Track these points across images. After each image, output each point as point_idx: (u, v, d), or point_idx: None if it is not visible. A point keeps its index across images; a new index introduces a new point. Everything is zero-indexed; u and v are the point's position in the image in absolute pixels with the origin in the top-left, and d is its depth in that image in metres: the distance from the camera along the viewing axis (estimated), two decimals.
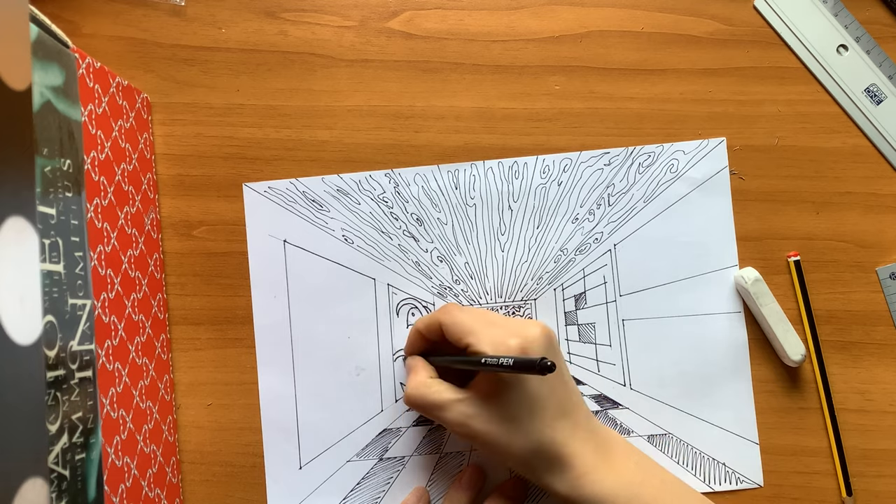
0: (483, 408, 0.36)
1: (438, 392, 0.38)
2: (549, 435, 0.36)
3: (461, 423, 0.36)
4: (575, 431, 0.37)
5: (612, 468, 0.36)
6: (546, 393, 0.36)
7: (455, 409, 0.37)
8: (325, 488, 0.44)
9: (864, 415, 0.44)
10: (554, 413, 0.36)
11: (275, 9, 0.45)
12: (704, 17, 0.45)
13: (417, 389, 0.39)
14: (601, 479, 0.36)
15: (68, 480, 0.30)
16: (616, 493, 0.36)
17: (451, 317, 0.38)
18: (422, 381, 0.39)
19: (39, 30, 0.31)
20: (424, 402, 0.38)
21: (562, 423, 0.36)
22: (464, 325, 0.38)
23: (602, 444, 0.37)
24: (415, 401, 0.39)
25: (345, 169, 0.45)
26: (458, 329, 0.38)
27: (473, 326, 0.37)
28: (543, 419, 0.36)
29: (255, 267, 0.45)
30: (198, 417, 0.44)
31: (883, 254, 0.44)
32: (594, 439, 0.37)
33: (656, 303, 0.44)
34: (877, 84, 0.44)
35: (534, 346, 0.36)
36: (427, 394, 0.38)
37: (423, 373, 0.40)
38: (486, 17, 0.45)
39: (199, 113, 0.45)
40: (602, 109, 0.45)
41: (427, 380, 0.39)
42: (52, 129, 0.31)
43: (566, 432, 0.36)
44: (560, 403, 0.36)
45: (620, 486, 0.36)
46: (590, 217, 0.45)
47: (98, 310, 0.34)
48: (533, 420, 0.36)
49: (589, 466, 0.36)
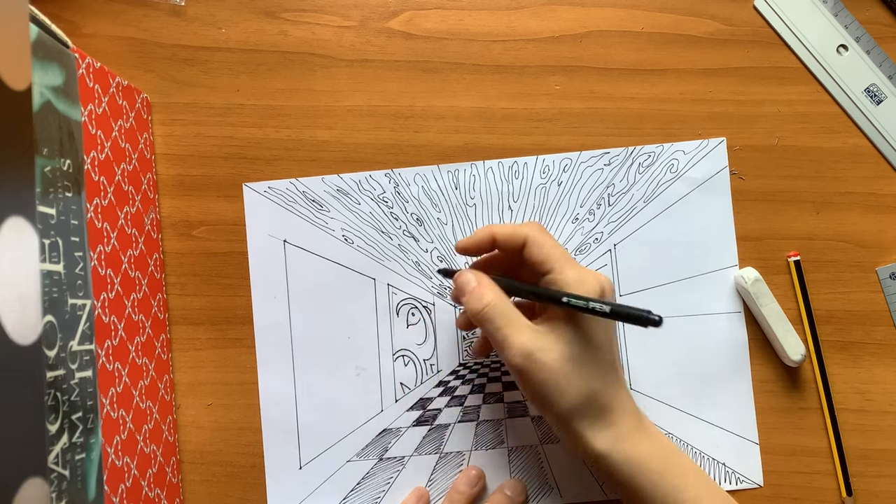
0: (554, 343, 0.35)
1: (515, 313, 0.36)
2: (604, 385, 0.35)
3: (528, 351, 0.35)
4: (622, 390, 0.37)
5: (649, 434, 0.37)
6: (608, 343, 0.36)
7: (526, 335, 0.35)
8: (325, 488, 0.44)
9: (864, 415, 0.44)
10: (609, 366, 0.36)
11: (275, 9, 0.45)
12: (704, 17, 0.45)
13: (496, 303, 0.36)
14: (640, 442, 0.36)
15: (68, 480, 0.30)
16: (651, 458, 0.36)
17: (541, 235, 0.37)
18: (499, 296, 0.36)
19: (39, 30, 0.31)
20: (501, 316, 0.36)
21: (613, 377, 0.36)
22: (552, 252, 0.36)
23: (639, 412, 0.37)
24: (493, 310, 0.36)
25: (345, 169, 0.45)
26: (544, 253, 0.36)
27: (560, 257, 0.36)
28: (603, 368, 0.36)
29: (255, 267, 0.45)
30: (198, 417, 0.44)
31: (883, 254, 0.44)
32: (634, 405, 0.37)
33: (656, 303, 0.44)
34: (877, 84, 0.44)
35: (608, 294, 0.36)
36: (504, 310, 0.36)
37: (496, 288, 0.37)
38: (486, 17, 0.45)
39: (199, 113, 0.45)
40: (602, 109, 0.45)
41: (504, 297, 0.37)
42: (52, 129, 0.31)
43: (616, 387, 0.36)
44: (613, 359, 0.36)
45: (657, 454, 0.36)
46: (590, 217, 0.45)
47: (98, 310, 0.34)
48: (594, 367, 0.35)
49: (631, 426, 0.36)
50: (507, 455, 0.44)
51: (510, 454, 0.44)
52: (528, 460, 0.44)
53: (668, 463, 0.36)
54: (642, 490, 0.35)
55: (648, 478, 0.35)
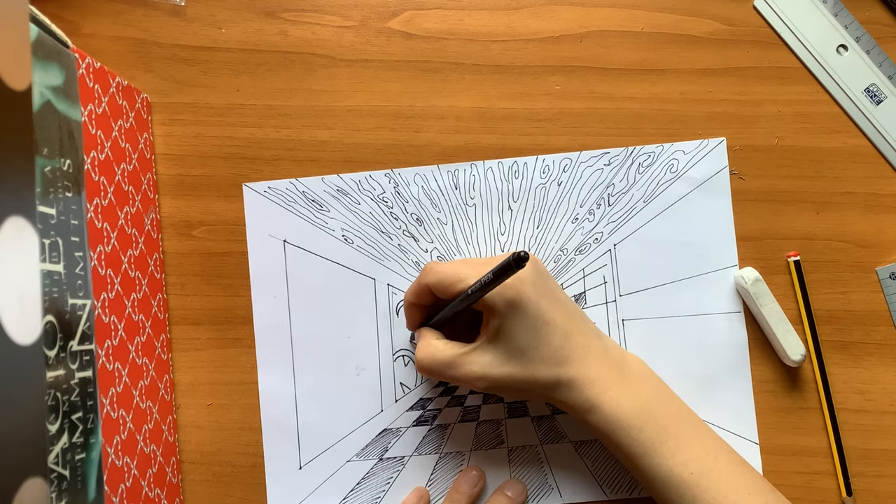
0: (493, 351, 0.36)
1: (445, 350, 0.37)
2: (564, 357, 0.36)
3: (478, 374, 0.36)
4: (589, 351, 0.37)
5: (628, 389, 0.37)
6: (549, 317, 0.36)
7: (467, 362, 0.36)
8: (325, 488, 0.44)
9: (864, 415, 0.44)
10: (562, 335, 0.36)
11: (275, 9, 0.45)
12: (704, 17, 0.45)
13: (426, 352, 0.38)
14: (618, 399, 0.36)
15: (68, 480, 0.30)
16: (631, 414, 0.36)
17: (434, 274, 0.38)
18: (427, 343, 0.38)
19: (39, 30, 0.31)
20: (434, 362, 0.37)
21: (572, 344, 0.36)
22: (450, 276, 0.37)
23: (618, 362, 0.38)
24: (426, 365, 0.38)
25: (345, 169, 0.45)
26: (445, 282, 0.37)
27: (460, 273, 0.37)
28: (552, 344, 0.36)
29: (255, 267, 0.45)
30: (198, 417, 0.44)
31: (883, 254, 0.44)
32: (609, 356, 0.37)
33: (656, 303, 0.44)
34: (877, 84, 0.44)
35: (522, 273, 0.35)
36: (435, 354, 0.37)
37: (428, 336, 0.39)
38: (486, 17, 0.45)
39: (199, 113, 0.45)
40: (602, 109, 0.45)
41: (433, 341, 0.38)
42: (52, 129, 0.31)
43: (579, 351, 0.36)
44: (564, 326, 0.36)
45: (635, 408, 0.36)
46: (590, 217, 0.45)
47: (98, 310, 0.34)
48: (546, 345, 0.35)
49: (606, 384, 0.36)
50: (507, 455, 0.44)
51: (510, 454, 0.44)
52: (528, 460, 0.44)
53: (649, 414, 0.36)
54: (622, 447, 0.36)
55: (627, 433, 0.36)
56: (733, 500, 0.35)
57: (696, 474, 0.35)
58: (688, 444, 0.36)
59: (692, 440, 0.36)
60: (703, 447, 0.36)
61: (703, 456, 0.36)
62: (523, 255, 0.30)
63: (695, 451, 0.36)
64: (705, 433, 0.37)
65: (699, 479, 0.35)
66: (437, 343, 0.38)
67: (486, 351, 0.36)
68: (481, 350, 0.36)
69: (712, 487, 0.35)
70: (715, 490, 0.35)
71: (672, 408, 0.37)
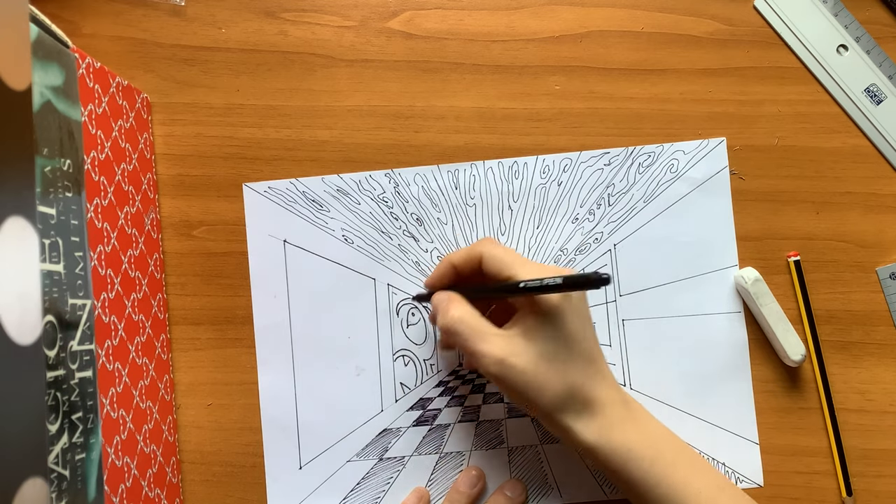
0: (524, 345, 0.35)
1: (481, 323, 0.37)
2: (583, 378, 0.36)
3: (500, 358, 0.35)
4: (604, 380, 0.37)
5: (637, 423, 0.37)
6: (581, 336, 0.36)
7: (496, 343, 0.36)
8: (325, 488, 0.44)
9: (864, 415, 0.44)
10: (588, 358, 0.36)
11: (275, 9, 0.45)
12: (704, 17, 0.45)
13: (460, 310, 0.37)
14: (627, 431, 0.36)
15: (68, 480, 0.30)
16: (641, 447, 0.36)
17: (494, 248, 0.38)
18: (467, 310, 0.37)
19: (39, 30, 0.31)
20: (464, 325, 0.37)
21: (593, 369, 0.36)
22: (505, 258, 0.37)
23: (626, 399, 0.38)
24: (458, 326, 0.37)
25: (345, 169, 0.45)
26: (499, 262, 0.37)
27: (515, 261, 0.37)
28: (579, 362, 0.36)
29: (255, 267, 0.45)
30: (198, 417, 0.44)
31: (883, 254, 0.44)
32: (620, 393, 0.37)
33: (656, 303, 0.44)
34: (877, 84, 0.44)
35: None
36: (466, 317, 0.37)
37: (465, 304, 0.38)
38: (486, 17, 0.45)
39: (199, 113, 0.45)
40: (602, 109, 0.45)
41: (471, 310, 0.38)
42: (52, 129, 0.31)
43: (597, 379, 0.36)
44: (591, 350, 0.37)
45: (645, 442, 0.36)
46: (590, 217, 0.45)
47: (98, 310, 0.34)
48: (570, 361, 0.36)
49: (617, 416, 0.36)
50: (507, 455, 0.44)
51: (510, 454, 0.44)
52: (528, 460, 0.44)
53: (658, 449, 0.36)
54: (633, 479, 0.36)
55: (638, 465, 0.36)
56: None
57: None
58: (695, 477, 0.36)
59: (699, 473, 0.36)
60: (708, 480, 0.36)
61: (712, 487, 0.36)
62: (605, 277, 0.30)
63: (703, 482, 0.36)
64: (708, 468, 0.38)
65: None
66: (470, 309, 0.38)
67: (514, 339, 0.36)
68: (510, 337, 0.36)
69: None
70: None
71: (676, 443, 0.37)
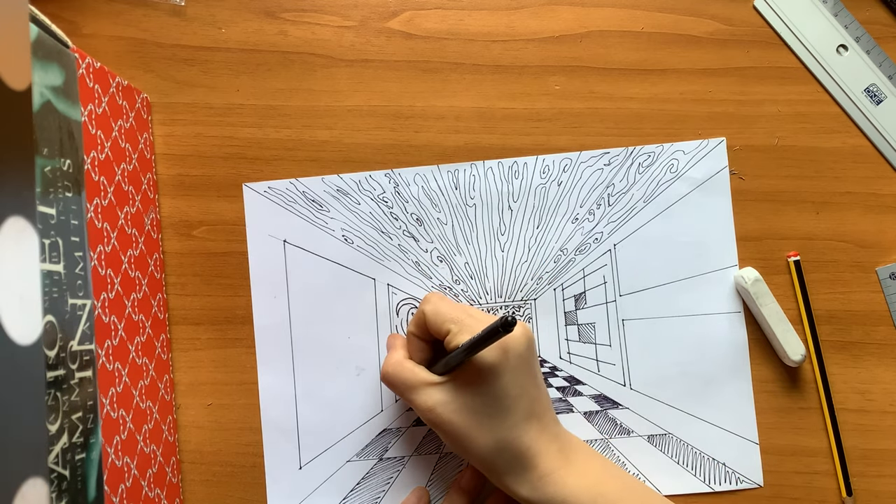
0: (454, 397, 0.36)
1: (413, 372, 0.38)
2: (514, 434, 0.36)
3: (429, 407, 0.36)
4: (541, 434, 0.37)
5: (574, 469, 0.37)
6: (517, 392, 0.36)
7: (425, 393, 0.37)
8: (325, 488, 0.44)
9: (864, 415, 0.44)
10: (523, 414, 0.36)
11: (275, 9, 0.45)
12: (704, 17, 0.45)
13: (393, 367, 0.39)
14: (563, 479, 0.36)
15: (68, 480, 0.30)
16: (578, 493, 0.35)
17: (433, 305, 0.38)
18: (398, 359, 0.39)
19: (39, 30, 0.31)
20: (397, 379, 0.38)
21: (529, 425, 0.36)
22: (446, 314, 0.38)
23: (566, 447, 0.37)
24: (389, 378, 0.39)
25: (345, 169, 0.45)
26: (439, 317, 0.38)
27: (455, 316, 0.37)
28: (511, 418, 0.36)
29: (255, 267, 0.45)
30: (198, 417, 0.44)
31: (883, 254, 0.44)
32: (558, 442, 0.37)
33: (656, 303, 0.44)
34: (877, 84, 0.44)
35: (512, 343, 0.36)
36: (401, 371, 0.38)
37: (400, 351, 0.40)
38: (486, 17, 0.45)
39: (199, 113, 0.45)
40: (602, 109, 0.45)
41: (403, 359, 0.39)
42: (52, 129, 0.31)
43: (532, 434, 0.36)
44: (530, 405, 0.37)
45: (583, 486, 0.36)
46: (590, 217, 0.45)
47: (98, 310, 0.34)
48: (500, 417, 0.36)
49: (551, 467, 0.36)
50: None
51: None
52: None
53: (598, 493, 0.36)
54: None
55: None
56: None
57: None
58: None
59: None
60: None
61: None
62: (510, 319, 0.31)
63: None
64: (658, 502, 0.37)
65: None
66: (406, 362, 0.39)
67: (447, 391, 0.36)
68: (443, 388, 0.37)
69: None
70: None
71: (619, 482, 0.37)
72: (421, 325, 0.39)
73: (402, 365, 0.38)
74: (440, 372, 0.38)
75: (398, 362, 0.39)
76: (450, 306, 0.38)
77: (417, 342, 0.40)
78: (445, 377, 0.37)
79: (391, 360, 0.39)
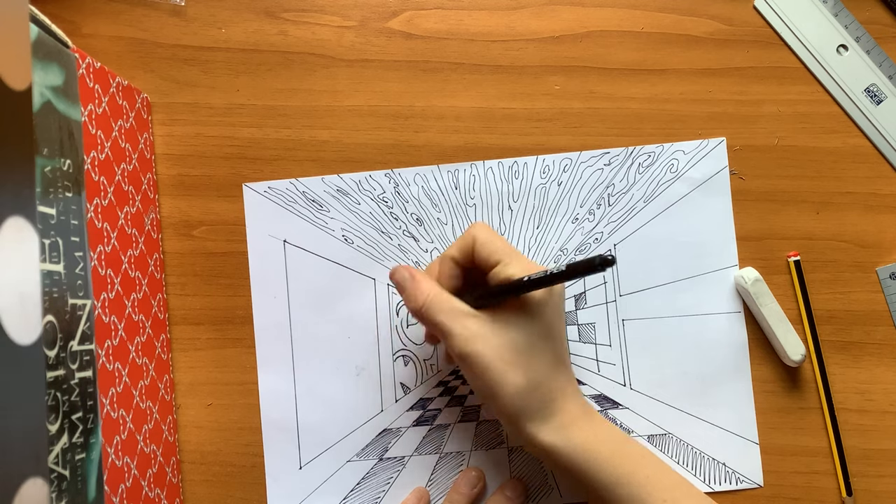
0: (496, 330, 0.35)
1: (451, 302, 0.36)
2: (548, 376, 0.36)
3: (466, 339, 0.35)
4: (569, 382, 0.37)
5: (595, 423, 0.37)
6: (555, 334, 0.36)
7: (468, 324, 0.35)
8: (325, 488, 0.44)
9: (864, 415, 0.44)
10: (557, 357, 0.36)
11: (275, 9, 0.45)
12: (704, 17, 0.45)
13: (433, 296, 0.36)
14: (585, 429, 0.36)
15: (68, 480, 0.30)
16: (600, 445, 0.36)
17: (486, 233, 0.37)
18: (436, 289, 0.37)
19: (39, 30, 0.31)
20: (437, 308, 0.36)
21: (560, 370, 0.36)
22: (497, 244, 0.36)
23: (587, 403, 0.38)
24: (428, 308, 0.36)
25: (345, 169, 0.45)
26: (490, 246, 0.36)
27: (506, 248, 0.36)
28: (546, 358, 0.36)
29: (255, 267, 0.45)
30: (198, 417, 0.44)
31: (883, 254, 0.44)
32: (581, 397, 0.38)
33: (656, 303, 0.44)
34: (877, 84, 0.44)
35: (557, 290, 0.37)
36: (440, 301, 0.36)
37: (430, 280, 0.37)
38: (486, 17, 0.45)
39: (199, 113, 0.45)
40: (602, 109, 0.45)
41: (440, 289, 0.37)
42: (52, 129, 0.31)
43: (562, 379, 0.36)
44: (563, 350, 0.37)
45: (605, 439, 0.36)
46: (590, 217, 0.45)
47: (98, 310, 0.34)
48: (538, 357, 0.35)
49: (576, 415, 0.36)
50: (507, 455, 0.44)
51: (510, 454, 0.44)
52: (528, 460, 0.44)
53: (616, 447, 0.36)
54: (593, 475, 0.35)
55: (597, 462, 0.35)
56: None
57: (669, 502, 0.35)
58: (657, 477, 0.36)
59: (660, 473, 0.36)
60: (671, 481, 0.36)
61: (673, 488, 0.36)
62: (610, 258, 0.29)
63: (665, 482, 0.36)
64: (670, 470, 0.37)
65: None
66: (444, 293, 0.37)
67: (487, 323, 0.35)
68: (484, 320, 0.35)
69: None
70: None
71: (637, 446, 0.37)
72: (466, 251, 0.37)
73: (440, 294, 0.36)
74: (473, 302, 0.36)
75: (438, 292, 0.36)
76: (501, 239, 0.37)
77: (454, 268, 0.38)
78: (483, 313, 0.36)
79: (425, 289, 0.36)
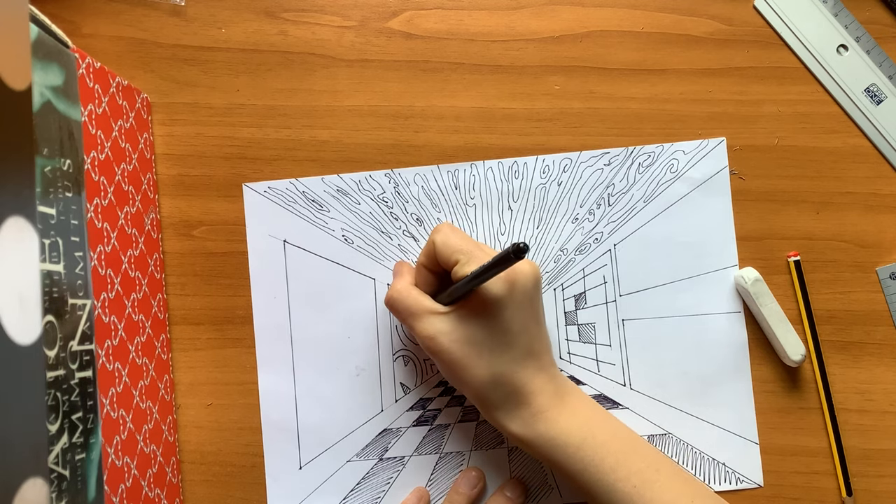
0: (455, 327, 0.36)
1: (416, 300, 0.38)
2: (511, 370, 0.36)
3: (430, 335, 0.37)
4: (538, 373, 0.37)
5: (566, 410, 0.37)
6: (519, 328, 0.36)
7: (428, 321, 0.37)
8: (325, 488, 0.44)
9: (864, 415, 0.44)
10: (522, 351, 0.36)
11: (275, 9, 0.45)
12: (704, 17, 0.45)
13: (398, 293, 0.38)
14: (555, 418, 0.36)
15: (68, 480, 0.30)
16: (568, 432, 0.36)
17: (444, 235, 0.38)
18: (404, 286, 0.39)
19: (39, 30, 0.31)
20: (401, 305, 0.38)
21: (527, 362, 0.37)
22: (455, 245, 0.37)
23: (561, 389, 0.38)
24: (393, 303, 0.39)
25: (345, 169, 0.45)
26: (449, 248, 0.37)
27: (465, 247, 0.37)
28: (510, 353, 0.36)
29: (255, 267, 0.45)
30: (198, 417, 0.44)
31: (883, 254, 0.44)
32: (554, 383, 0.38)
33: (656, 303, 0.44)
34: (877, 84, 0.44)
35: (519, 278, 0.36)
36: (406, 298, 0.38)
37: (407, 278, 0.40)
38: (486, 17, 0.45)
39: (199, 113, 0.45)
40: (602, 109, 0.45)
41: (410, 286, 0.39)
42: (52, 129, 0.31)
43: (529, 371, 0.37)
44: (530, 343, 0.37)
45: (573, 426, 0.36)
46: (590, 217, 0.45)
47: (98, 310, 0.34)
48: (499, 351, 0.36)
49: (545, 406, 0.37)
50: (507, 455, 0.44)
51: (510, 454, 0.44)
52: (528, 460, 0.44)
53: (588, 434, 0.36)
54: (559, 465, 0.36)
55: (564, 451, 0.36)
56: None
57: (638, 487, 0.35)
58: (628, 459, 0.36)
59: (632, 455, 0.36)
60: (644, 461, 0.36)
61: (645, 468, 0.36)
62: (522, 246, 0.30)
63: (636, 465, 0.36)
64: (645, 448, 0.37)
65: (643, 491, 0.35)
66: (412, 289, 0.39)
67: (449, 321, 0.36)
68: (446, 318, 0.37)
69: (655, 498, 0.35)
70: (658, 500, 0.35)
71: (609, 426, 0.37)
72: (430, 255, 0.39)
73: (407, 291, 0.38)
74: (445, 302, 0.38)
75: (404, 288, 0.38)
76: (460, 237, 0.38)
77: (425, 273, 0.39)
78: (449, 308, 0.37)
79: (397, 285, 0.39)
